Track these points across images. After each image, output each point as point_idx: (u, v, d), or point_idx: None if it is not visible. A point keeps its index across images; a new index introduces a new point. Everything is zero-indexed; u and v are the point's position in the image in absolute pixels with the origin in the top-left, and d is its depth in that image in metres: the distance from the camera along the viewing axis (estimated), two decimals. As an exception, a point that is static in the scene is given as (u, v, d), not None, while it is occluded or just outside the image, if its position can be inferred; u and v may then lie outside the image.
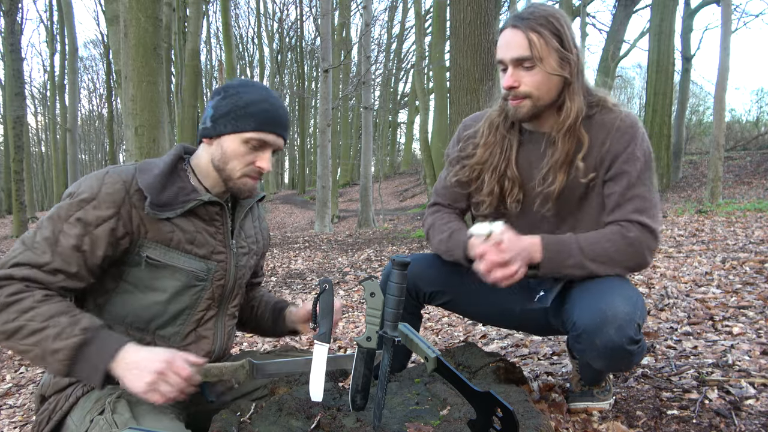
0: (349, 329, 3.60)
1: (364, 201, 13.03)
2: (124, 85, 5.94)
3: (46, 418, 1.28)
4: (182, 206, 1.30)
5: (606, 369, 1.54)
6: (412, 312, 1.68)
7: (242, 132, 1.31)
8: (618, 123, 1.45)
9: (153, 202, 1.25)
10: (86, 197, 1.22)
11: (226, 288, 1.41)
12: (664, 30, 12.50)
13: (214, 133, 1.33)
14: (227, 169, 1.34)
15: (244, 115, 1.30)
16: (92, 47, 38.87)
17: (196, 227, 1.34)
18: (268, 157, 1.35)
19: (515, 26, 1.41)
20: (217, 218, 1.39)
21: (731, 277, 3.48)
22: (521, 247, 1.37)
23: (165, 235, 1.28)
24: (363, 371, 1.11)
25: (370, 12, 12.17)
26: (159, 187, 1.28)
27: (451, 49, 6.24)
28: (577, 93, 1.44)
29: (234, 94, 1.33)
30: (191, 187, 1.35)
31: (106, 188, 1.23)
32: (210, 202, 1.36)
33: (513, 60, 1.41)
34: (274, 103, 1.35)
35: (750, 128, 20.52)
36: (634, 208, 1.41)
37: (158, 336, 1.33)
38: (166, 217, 1.28)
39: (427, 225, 1.68)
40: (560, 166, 1.47)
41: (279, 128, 1.35)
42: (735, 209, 7.83)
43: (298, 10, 28.16)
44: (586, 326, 1.31)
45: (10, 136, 13.14)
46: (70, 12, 17.40)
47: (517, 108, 1.45)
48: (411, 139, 31.69)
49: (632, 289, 1.37)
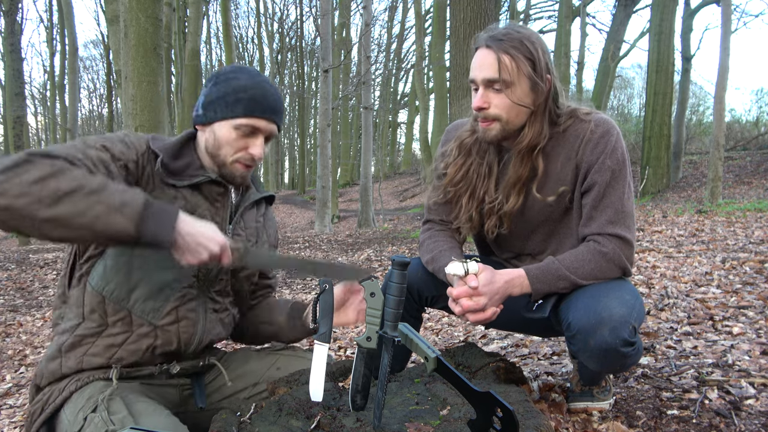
0: (349, 329, 3.60)
1: (364, 201, 13.02)
2: (124, 85, 5.94)
3: (39, 409, 1.27)
4: (190, 179, 1.34)
5: (600, 370, 1.55)
6: (414, 316, 1.69)
7: (232, 118, 1.31)
8: (588, 135, 1.43)
9: (165, 163, 1.29)
10: (112, 136, 1.26)
11: (212, 271, 1.39)
12: (664, 30, 12.49)
13: (206, 120, 1.34)
14: (220, 155, 1.34)
15: (234, 101, 1.30)
16: (92, 47, 38.84)
17: (197, 201, 1.36)
18: (260, 144, 1.35)
19: (489, 47, 1.38)
20: (219, 199, 1.40)
21: (731, 277, 3.48)
22: (496, 288, 1.35)
23: (169, 199, 1.30)
24: (363, 371, 1.11)
25: (370, 12, 12.17)
26: (171, 155, 1.32)
27: (451, 49, 6.24)
28: (538, 120, 1.43)
29: (224, 81, 1.33)
30: (199, 164, 1.38)
31: (129, 138, 1.29)
32: (215, 182, 1.38)
33: (484, 80, 1.39)
34: (265, 88, 1.34)
35: (750, 128, 20.51)
36: (607, 220, 1.41)
37: (137, 310, 1.29)
38: (173, 183, 1.31)
39: (419, 243, 1.69)
40: (513, 186, 1.48)
41: (270, 113, 1.33)
42: (735, 209, 7.83)
43: (298, 10, 28.17)
44: (581, 327, 1.31)
45: (10, 136, 13.13)
46: (70, 12, 17.37)
47: (486, 130, 1.45)
48: (411, 139, 31.70)
49: (630, 291, 1.37)
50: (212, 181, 1.37)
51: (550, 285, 1.40)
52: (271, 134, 1.37)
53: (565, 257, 1.42)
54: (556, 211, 1.51)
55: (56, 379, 1.29)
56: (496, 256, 1.72)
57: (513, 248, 1.64)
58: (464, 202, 1.57)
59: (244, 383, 1.49)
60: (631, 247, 1.43)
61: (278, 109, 1.37)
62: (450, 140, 1.65)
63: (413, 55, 27.09)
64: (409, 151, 32.24)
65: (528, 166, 1.46)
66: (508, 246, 1.64)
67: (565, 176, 1.47)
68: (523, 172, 1.47)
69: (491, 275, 1.36)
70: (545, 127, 1.44)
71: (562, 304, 1.43)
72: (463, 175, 1.57)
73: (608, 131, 1.43)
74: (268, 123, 1.34)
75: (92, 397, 1.21)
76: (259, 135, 1.34)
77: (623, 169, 1.43)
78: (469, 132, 1.57)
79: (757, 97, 30.78)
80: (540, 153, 1.45)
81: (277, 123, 1.38)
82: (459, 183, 1.58)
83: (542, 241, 1.57)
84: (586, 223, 1.46)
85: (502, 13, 19.62)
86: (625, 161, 1.45)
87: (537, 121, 1.43)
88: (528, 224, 1.55)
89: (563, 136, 1.47)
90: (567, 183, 1.47)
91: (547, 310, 1.42)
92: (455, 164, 1.58)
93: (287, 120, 35.91)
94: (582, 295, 1.38)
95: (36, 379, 1.33)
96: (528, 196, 1.49)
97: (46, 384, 1.30)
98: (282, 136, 35.28)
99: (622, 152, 1.44)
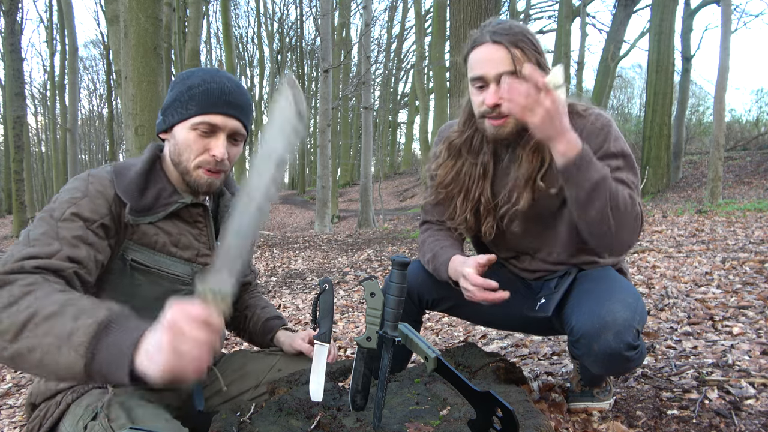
0: (349, 329, 3.60)
1: (364, 201, 13.02)
2: (124, 85, 5.94)
3: (38, 425, 1.24)
4: (164, 209, 1.24)
5: (604, 373, 1.55)
6: (414, 319, 1.68)
7: (188, 118, 1.22)
8: (589, 126, 1.42)
9: (133, 209, 1.19)
10: (77, 195, 1.15)
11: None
12: (664, 30, 12.49)
13: (165, 126, 1.27)
14: (182, 161, 1.25)
15: (187, 99, 1.22)
16: (92, 47, 38.82)
17: (179, 229, 1.29)
18: (221, 143, 1.23)
19: (497, 42, 1.35)
20: (200, 220, 1.33)
21: (731, 277, 3.48)
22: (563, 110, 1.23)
23: (150, 238, 1.23)
24: (363, 371, 1.11)
25: (370, 12, 12.17)
26: (137, 192, 1.21)
27: (451, 49, 6.24)
28: None
29: (180, 82, 1.26)
30: (171, 188, 1.28)
31: (94, 186, 1.17)
32: (192, 204, 1.31)
33: (497, 76, 1.35)
34: (221, 82, 1.24)
35: (750, 128, 20.50)
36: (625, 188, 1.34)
37: None
38: (148, 221, 1.22)
39: (418, 243, 1.67)
40: (524, 184, 1.45)
41: (226, 108, 1.23)
42: (735, 209, 7.83)
43: (298, 10, 28.22)
44: (585, 332, 1.30)
45: (10, 136, 13.14)
46: (70, 12, 17.38)
47: (499, 128, 1.41)
48: (411, 139, 31.71)
49: (632, 294, 1.37)
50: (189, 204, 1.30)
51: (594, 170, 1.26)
52: (234, 132, 1.26)
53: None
54: (553, 206, 1.49)
55: (51, 395, 1.27)
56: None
57: (512, 247, 1.63)
58: (458, 204, 1.56)
59: (245, 385, 1.48)
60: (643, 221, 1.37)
61: (238, 103, 1.25)
62: (440, 141, 1.64)
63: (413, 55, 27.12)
64: (409, 151, 32.26)
65: (539, 158, 1.44)
66: (507, 245, 1.63)
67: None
68: (535, 166, 1.44)
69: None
70: None
71: (565, 307, 1.42)
72: (454, 177, 1.56)
73: (607, 124, 1.43)
74: (226, 118, 1.23)
75: (90, 405, 1.19)
76: (220, 133, 1.24)
77: (627, 156, 1.41)
78: (458, 133, 1.56)
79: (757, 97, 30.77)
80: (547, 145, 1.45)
81: (239, 119, 1.26)
82: (450, 185, 1.57)
83: (540, 238, 1.56)
84: None
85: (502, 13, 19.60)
86: (628, 151, 1.42)
87: None
88: (530, 222, 1.53)
89: None
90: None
91: (551, 310, 1.42)
92: (445, 166, 1.58)
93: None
94: (585, 297, 1.37)
95: (31, 398, 1.30)
96: (537, 191, 1.46)
97: (41, 401, 1.28)
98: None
99: (623, 143, 1.43)
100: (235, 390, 1.47)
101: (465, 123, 1.56)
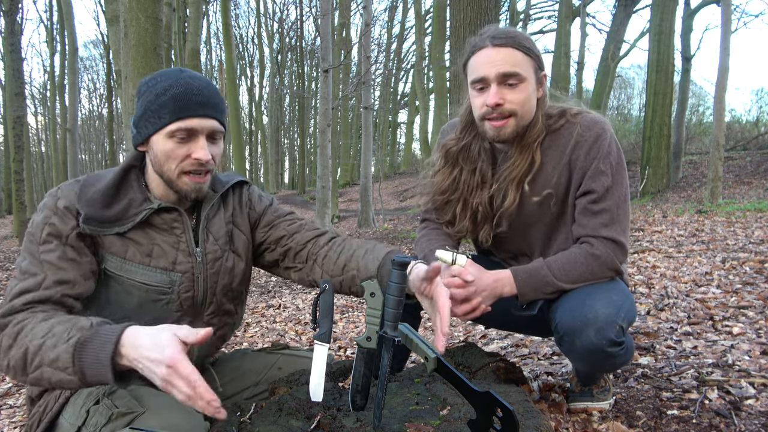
0: (349, 329, 3.60)
1: (364, 201, 13.01)
2: (124, 85, 5.95)
3: (37, 420, 1.24)
4: (133, 219, 1.23)
5: (589, 370, 1.56)
6: (412, 314, 1.69)
7: (162, 127, 1.18)
8: (579, 138, 1.44)
9: (93, 219, 1.18)
10: (47, 214, 1.18)
11: (197, 299, 1.30)
12: (664, 30, 12.48)
13: (141, 138, 1.23)
14: (165, 171, 1.22)
15: (158, 108, 1.18)
16: (92, 47, 38.82)
17: (151, 239, 1.25)
18: (202, 145, 1.20)
19: (497, 45, 1.39)
20: (176, 226, 1.28)
21: (731, 277, 3.48)
22: (484, 285, 1.38)
23: (119, 248, 1.22)
24: (363, 371, 1.11)
25: (370, 12, 12.16)
26: (102, 204, 1.20)
27: (451, 49, 6.24)
28: (539, 115, 1.47)
29: (146, 90, 1.22)
30: (142, 198, 1.26)
31: (61, 202, 1.19)
32: (164, 209, 1.26)
33: (499, 76, 1.39)
34: (188, 83, 1.19)
35: (750, 128, 20.48)
36: (601, 223, 1.41)
37: None
38: (115, 232, 1.21)
39: (416, 240, 1.70)
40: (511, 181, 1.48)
41: (199, 108, 1.19)
42: (735, 209, 7.84)
43: (298, 10, 28.15)
44: (567, 328, 1.32)
45: (10, 136, 13.12)
46: (70, 12, 17.38)
47: (500, 129, 1.43)
48: (411, 139, 31.71)
49: (619, 291, 1.37)
50: (160, 209, 1.26)
51: (536, 290, 1.40)
52: (213, 131, 1.23)
53: (556, 259, 1.42)
54: (547, 213, 1.51)
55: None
56: (494, 256, 1.72)
57: (510, 248, 1.64)
58: (458, 212, 1.59)
59: (245, 383, 1.48)
60: (625, 250, 1.43)
61: (209, 101, 1.21)
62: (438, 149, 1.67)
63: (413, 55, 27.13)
64: (409, 151, 32.26)
65: (528, 159, 1.46)
66: (505, 246, 1.64)
67: (552, 178, 1.47)
68: (522, 165, 1.47)
69: (479, 271, 1.38)
70: (542, 122, 1.47)
71: (552, 305, 1.44)
72: (450, 184, 1.59)
73: (600, 134, 1.43)
74: (201, 120, 1.19)
75: (92, 392, 1.19)
76: (199, 136, 1.20)
77: (619, 171, 1.43)
78: (455, 140, 1.58)
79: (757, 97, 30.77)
80: (539, 146, 1.46)
81: (214, 117, 1.22)
82: (446, 192, 1.60)
83: (538, 241, 1.57)
84: (579, 225, 1.45)
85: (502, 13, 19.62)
86: (620, 163, 1.44)
87: (538, 116, 1.46)
88: (523, 224, 1.55)
89: (555, 136, 1.48)
90: (553, 186, 1.47)
91: (536, 308, 1.43)
92: (442, 173, 1.60)
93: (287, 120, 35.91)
94: (569, 296, 1.39)
95: (29, 391, 1.30)
96: (523, 194, 1.50)
97: (39, 394, 1.28)
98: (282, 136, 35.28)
99: (617, 154, 1.44)
100: (235, 388, 1.47)
101: (463, 130, 1.59)
